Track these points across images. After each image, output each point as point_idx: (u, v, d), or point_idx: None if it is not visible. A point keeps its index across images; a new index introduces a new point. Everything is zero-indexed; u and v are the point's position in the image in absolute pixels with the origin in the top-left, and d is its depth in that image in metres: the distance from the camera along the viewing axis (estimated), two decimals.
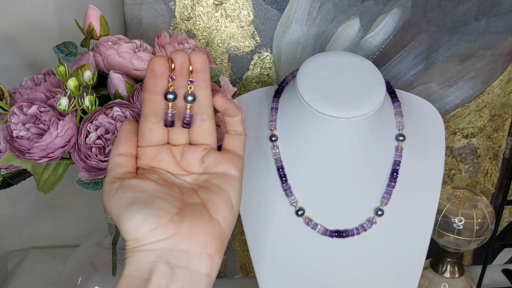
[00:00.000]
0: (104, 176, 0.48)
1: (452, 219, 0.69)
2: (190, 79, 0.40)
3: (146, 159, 0.43)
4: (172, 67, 0.39)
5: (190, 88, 0.40)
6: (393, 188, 0.56)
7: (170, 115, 0.41)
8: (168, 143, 0.43)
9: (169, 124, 0.41)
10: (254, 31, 0.68)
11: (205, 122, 0.42)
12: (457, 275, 0.73)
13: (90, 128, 0.47)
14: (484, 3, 0.69)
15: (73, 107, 0.47)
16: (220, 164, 0.42)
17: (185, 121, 0.41)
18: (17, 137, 0.46)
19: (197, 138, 0.43)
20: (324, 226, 0.57)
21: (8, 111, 0.48)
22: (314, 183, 0.57)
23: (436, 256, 0.74)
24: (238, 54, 0.69)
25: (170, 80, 0.40)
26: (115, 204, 0.39)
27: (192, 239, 0.39)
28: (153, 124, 0.41)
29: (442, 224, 0.69)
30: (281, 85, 0.61)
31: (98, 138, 0.47)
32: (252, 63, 0.70)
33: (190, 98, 0.40)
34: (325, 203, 0.57)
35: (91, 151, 0.47)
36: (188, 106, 0.41)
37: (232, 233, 0.43)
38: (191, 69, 0.40)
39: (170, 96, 0.40)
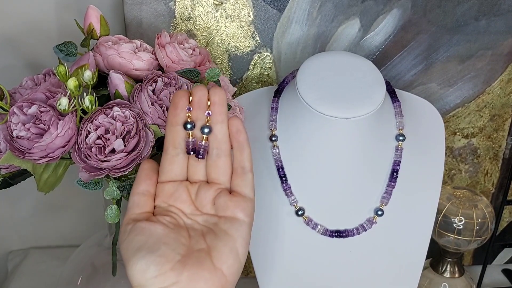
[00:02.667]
0: (105, 177, 0.49)
1: (452, 219, 0.69)
2: (208, 112, 0.42)
3: (163, 196, 0.44)
4: (190, 99, 0.42)
5: (208, 120, 0.42)
6: (393, 188, 0.56)
7: (191, 142, 0.42)
8: (187, 180, 0.44)
9: (191, 151, 0.43)
10: (254, 31, 0.68)
11: (220, 158, 0.43)
12: (457, 275, 0.73)
13: (90, 128, 0.47)
14: (484, 3, 0.69)
15: (73, 107, 0.47)
16: (229, 208, 0.43)
17: (199, 152, 0.43)
18: (17, 137, 0.46)
19: (211, 174, 0.44)
20: (324, 226, 0.57)
21: (8, 111, 0.48)
22: (314, 183, 0.57)
23: (436, 256, 0.74)
24: (238, 54, 0.69)
25: (188, 111, 0.42)
26: (126, 247, 0.41)
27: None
28: (172, 156, 0.43)
29: (442, 224, 0.69)
30: (281, 85, 0.61)
31: (98, 138, 0.47)
32: (252, 63, 0.70)
33: (206, 130, 0.42)
34: (325, 203, 0.57)
35: (91, 151, 0.47)
36: (204, 138, 0.42)
37: None
38: (209, 104, 0.42)
39: (188, 126, 0.42)
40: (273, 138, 0.58)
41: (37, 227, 0.85)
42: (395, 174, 0.56)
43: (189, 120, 0.42)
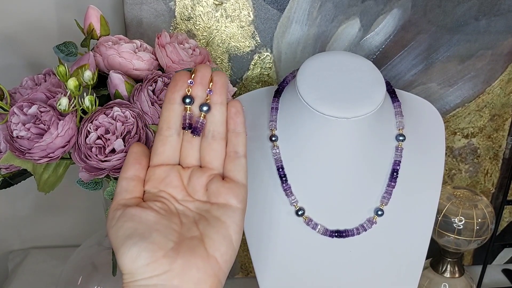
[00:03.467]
0: (105, 177, 0.49)
1: (452, 219, 0.69)
2: (209, 89, 0.42)
3: (154, 181, 0.42)
4: (193, 76, 0.42)
5: (208, 99, 0.42)
6: (393, 188, 0.56)
7: (188, 117, 0.42)
8: (179, 164, 0.43)
9: (187, 126, 0.42)
10: (254, 31, 0.68)
11: (215, 141, 0.42)
12: (457, 275, 0.73)
13: (90, 128, 0.47)
14: (484, 3, 0.69)
15: (73, 107, 0.47)
16: (221, 195, 0.42)
17: (196, 128, 0.42)
18: (17, 137, 0.47)
19: (205, 157, 0.43)
20: (324, 226, 0.57)
21: (8, 111, 0.48)
22: (314, 183, 0.57)
23: (436, 256, 0.74)
24: (238, 54, 0.69)
25: (189, 84, 0.41)
26: (115, 233, 0.39)
27: (185, 276, 0.38)
28: (166, 137, 0.42)
29: (442, 224, 0.69)
30: (281, 85, 0.61)
31: (98, 138, 0.47)
32: (252, 63, 0.70)
33: (205, 108, 0.42)
34: (325, 203, 0.57)
35: (91, 151, 0.47)
36: (202, 115, 0.42)
37: None
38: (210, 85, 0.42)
39: (187, 100, 0.42)
40: (273, 138, 0.58)
41: (37, 227, 0.85)
42: (395, 174, 0.56)
43: (188, 94, 0.42)
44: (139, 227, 0.39)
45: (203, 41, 0.68)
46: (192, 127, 0.42)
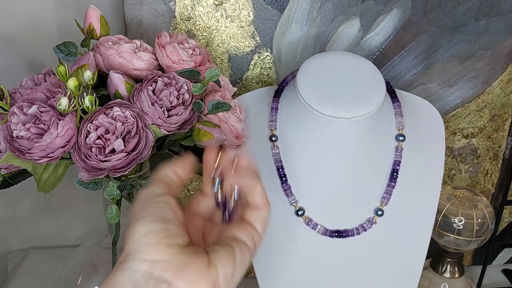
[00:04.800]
0: (105, 177, 0.49)
1: (452, 219, 0.69)
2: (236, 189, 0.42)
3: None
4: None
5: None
6: (393, 188, 0.56)
7: (220, 198, 0.42)
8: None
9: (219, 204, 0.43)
10: (254, 31, 0.68)
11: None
12: (457, 275, 0.73)
13: (90, 128, 0.47)
14: (484, 3, 0.69)
15: (73, 107, 0.47)
16: (232, 231, 0.42)
17: (225, 216, 0.42)
18: (17, 137, 0.46)
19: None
20: (324, 226, 0.57)
21: (8, 111, 0.48)
22: (314, 183, 0.57)
23: (436, 256, 0.74)
24: (238, 54, 0.69)
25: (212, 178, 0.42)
26: (147, 207, 0.39)
27: (180, 272, 0.37)
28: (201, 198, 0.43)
29: (442, 224, 0.69)
30: (281, 85, 0.61)
31: (98, 138, 0.47)
32: (252, 63, 0.70)
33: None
34: (325, 203, 0.57)
35: (91, 151, 0.47)
36: (233, 201, 0.42)
37: None
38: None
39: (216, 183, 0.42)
40: (273, 138, 0.58)
41: (37, 227, 0.85)
42: (395, 174, 0.56)
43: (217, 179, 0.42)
44: (167, 214, 0.39)
45: (203, 41, 0.68)
46: (225, 215, 0.42)
